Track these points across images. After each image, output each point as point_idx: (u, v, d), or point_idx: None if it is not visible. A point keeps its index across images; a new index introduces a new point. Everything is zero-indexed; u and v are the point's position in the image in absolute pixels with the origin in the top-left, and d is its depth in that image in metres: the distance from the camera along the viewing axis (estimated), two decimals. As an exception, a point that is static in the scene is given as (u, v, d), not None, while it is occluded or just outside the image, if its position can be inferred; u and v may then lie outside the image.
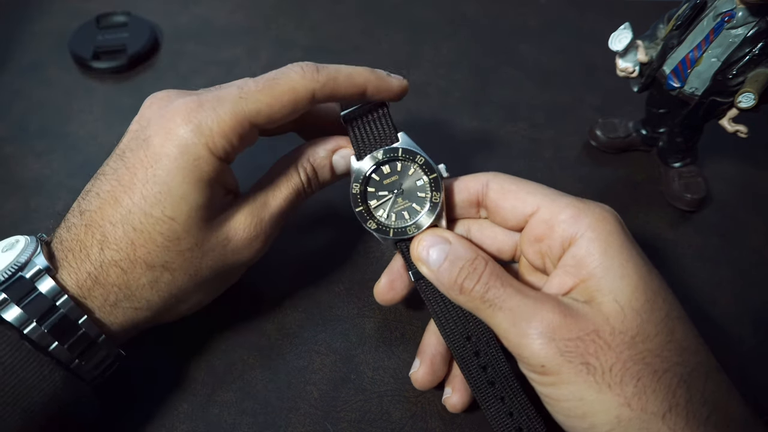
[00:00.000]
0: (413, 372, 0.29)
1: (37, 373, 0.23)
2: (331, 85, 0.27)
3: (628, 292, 0.23)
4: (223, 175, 0.27)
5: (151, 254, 0.26)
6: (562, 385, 0.22)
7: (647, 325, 0.22)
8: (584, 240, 0.24)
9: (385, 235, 0.28)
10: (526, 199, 0.26)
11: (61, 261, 0.26)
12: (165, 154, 0.25)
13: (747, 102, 0.32)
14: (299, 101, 0.27)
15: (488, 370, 0.27)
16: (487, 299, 0.24)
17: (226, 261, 0.28)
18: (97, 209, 0.26)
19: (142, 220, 0.26)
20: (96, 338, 0.25)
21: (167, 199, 0.25)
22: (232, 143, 0.26)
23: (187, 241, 0.26)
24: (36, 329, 0.24)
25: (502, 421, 0.26)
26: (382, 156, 0.28)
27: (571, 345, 0.22)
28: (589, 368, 0.22)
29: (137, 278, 0.26)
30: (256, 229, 0.28)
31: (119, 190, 0.26)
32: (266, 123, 0.27)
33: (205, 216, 0.27)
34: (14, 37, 0.49)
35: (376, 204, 0.28)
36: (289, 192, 0.29)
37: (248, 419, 0.30)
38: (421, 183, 0.28)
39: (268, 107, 0.27)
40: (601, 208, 0.25)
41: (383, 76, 0.29)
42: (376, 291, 0.30)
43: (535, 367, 0.23)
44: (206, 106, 0.26)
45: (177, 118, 0.26)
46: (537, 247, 0.26)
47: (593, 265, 0.24)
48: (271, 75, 0.27)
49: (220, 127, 0.26)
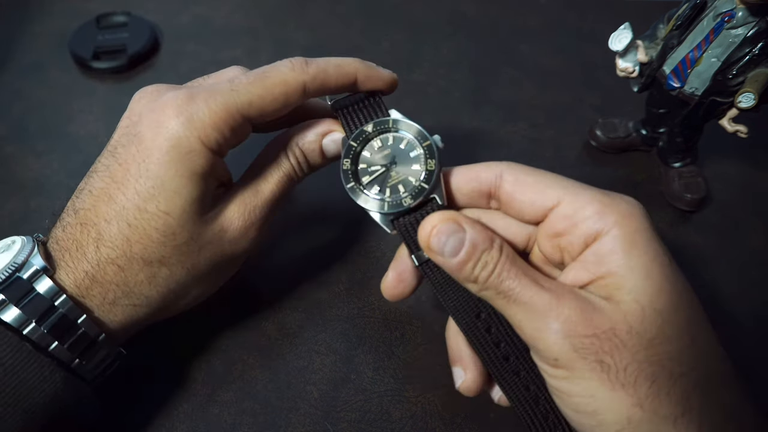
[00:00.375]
0: (462, 383, 0.27)
1: (37, 374, 0.23)
2: (322, 77, 0.27)
3: (651, 293, 0.22)
4: (216, 168, 0.27)
5: (148, 250, 0.26)
6: (574, 380, 0.22)
7: (668, 328, 0.22)
8: (609, 238, 0.23)
9: (379, 210, 0.26)
10: (546, 193, 0.25)
11: (58, 261, 0.26)
12: (157, 148, 0.25)
13: (747, 102, 0.32)
14: (290, 94, 0.27)
15: (502, 346, 0.26)
16: (502, 291, 0.23)
17: (224, 252, 0.28)
18: (91, 207, 0.26)
19: (136, 215, 0.25)
20: (96, 337, 0.25)
21: (161, 194, 0.25)
22: (224, 135, 0.26)
23: (183, 236, 0.26)
24: (35, 330, 0.24)
25: (519, 394, 0.26)
26: (372, 128, 0.27)
27: (587, 342, 0.21)
28: (603, 366, 0.21)
29: (135, 275, 0.26)
30: (250, 217, 0.28)
31: (112, 186, 0.26)
32: (258, 116, 0.27)
33: (199, 209, 0.26)
34: (14, 37, 0.49)
35: (369, 179, 0.27)
36: (280, 177, 0.29)
37: (248, 419, 0.30)
38: (414, 154, 0.27)
39: (260, 99, 0.26)
40: (627, 203, 0.23)
41: (373, 66, 0.29)
42: (383, 286, 0.28)
43: (548, 360, 0.22)
44: (197, 98, 0.26)
45: (168, 111, 0.25)
46: (556, 242, 0.25)
47: (616, 264, 0.22)
48: (262, 69, 0.27)
49: (211, 119, 0.25)
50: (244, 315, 0.33)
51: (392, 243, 0.37)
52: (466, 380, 0.27)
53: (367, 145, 0.27)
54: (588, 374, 0.21)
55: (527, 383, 0.26)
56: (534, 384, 0.26)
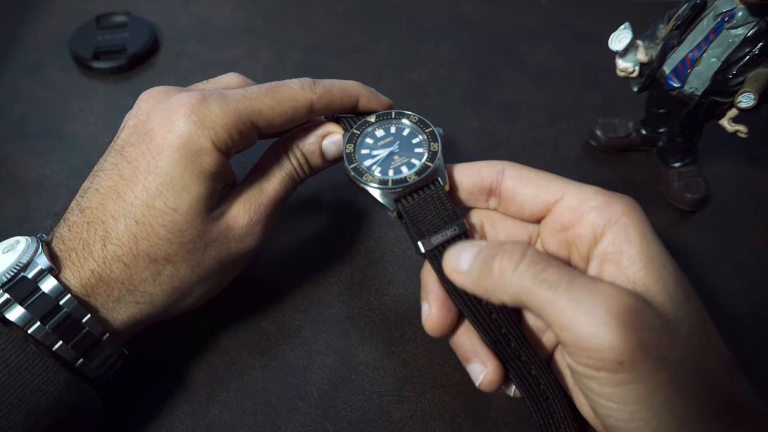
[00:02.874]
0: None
1: (42, 375, 0.23)
2: (328, 97, 0.29)
3: (672, 283, 0.21)
4: (223, 168, 0.27)
5: (154, 247, 0.26)
6: (632, 384, 0.19)
7: (691, 318, 0.21)
8: (620, 226, 0.22)
9: (383, 186, 0.26)
10: (549, 187, 0.25)
11: (64, 260, 0.26)
12: (168, 145, 0.26)
13: (747, 102, 0.32)
14: (298, 110, 0.28)
15: (512, 345, 0.25)
16: (546, 278, 0.20)
17: (230, 251, 0.28)
18: (98, 205, 0.26)
19: (144, 212, 0.26)
20: (100, 336, 0.25)
21: (169, 191, 0.26)
22: (233, 139, 0.27)
23: (189, 233, 0.26)
24: (40, 329, 0.24)
25: (532, 392, 0.25)
26: (375, 119, 0.28)
27: (654, 336, 0.19)
28: (664, 363, 0.19)
29: (140, 272, 0.26)
30: (256, 214, 0.28)
31: (121, 184, 0.26)
32: (266, 126, 0.28)
33: (206, 207, 0.27)
34: (14, 37, 0.49)
35: (371, 163, 0.27)
36: (283, 177, 0.29)
37: (248, 419, 0.30)
38: (417, 140, 0.28)
39: (270, 110, 0.27)
40: (628, 198, 0.23)
41: (373, 90, 0.31)
42: (429, 324, 0.26)
43: (609, 363, 0.19)
44: (210, 100, 0.26)
45: (181, 110, 0.26)
46: (562, 237, 0.24)
47: (634, 252, 0.21)
48: (274, 83, 0.28)
49: (223, 120, 0.26)
50: (244, 315, 0.34)
51: (392, 243, 0.37)
52: (488, 373, 0.25)
53: (369, 133, 0.28)
54: (648, 376, 0.19)
55: (538, 381, 0.25)
56: (544, 382, 0.25)
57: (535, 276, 0.20)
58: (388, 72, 0.48)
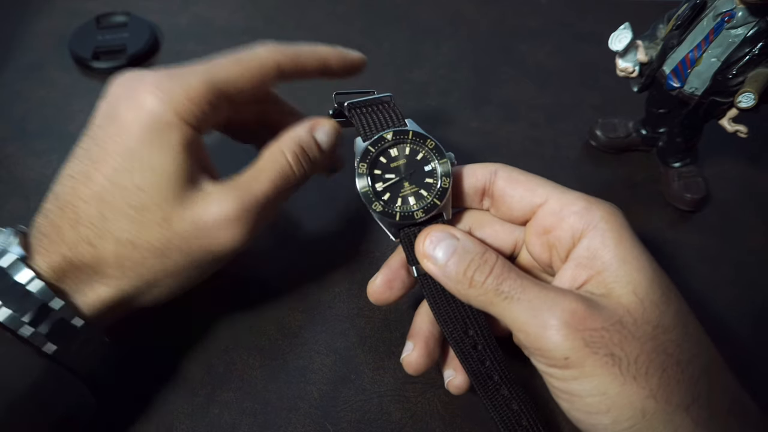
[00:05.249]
0: (406, 355, 0.28)
1: (13, 360, 0.23)
2: (293, 56, 0.29)
3: (645, 285, 0.22)
4: (195, 146, 0.27)
5: (121, 227, 0.26)
6: (584, 378, 0.22)
7: (665, 318, 0.22)
8: (598, 231, 0.24)
9: (390, 219, 0.27)
10: (536, 190, 0.26)
11: (36, 247, 0.25)
12: (132, 123, 0.26)
13: (747, 102, 0.32)
14: (266, 71, 0.28)
15: (486, 364, 0.26)
16: (502, 291, 0.23)
17: (200, 244, 0.27)
18: (70, 190, 0.26)
19: (113, 192, 0.26)
20: (72, 321, 0.25)
21: (136, 169, 0.26)
22: (201, 109, 0.26)
23: (156, 214, 0.26)
24: (11, 316, 0.24)
25: (503, 412, 0.26)
26: (392, 137, 0.28)
27: (596, 335, 0.21)
28: (614, 359, 0.21)
29: (105, 254, 0.26)
30: (235, 210, 0.27)
31: (91, 167, 0.26)
32: (236, 92, 0.28)
33: (175, 188, 0.26)
34: (14, 37, 0.49)
35: (382, 186, 0.27)
36: (275, 174, 0.28)
37: (248, 419, 0.30)
38: (429, 168, 0.28)
39: (238, 75, 0.28)
40: (609, 205, 0.25)
41: (342, 49, 0.31)
42: (370, 290, 0.28)
43: (558, 360, 0.22)
44: (174, 74, 0.27)
45: (145, 88, 0.26)
46: (544, 239, 0.26)
47: (609, 257, 0.23)
48: (238, 51, 0.29)
49: (187, 93, 0.26)
50: (244, 315, 0.33)
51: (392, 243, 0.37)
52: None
53: (384, 152, 0.28)
54: (599, 370, 0.21)
55: (509, 401, 0.26)
56: (517, 402, 0.26)
57: (496, 289, 0.23)
58: (388, 72, 0.48)
